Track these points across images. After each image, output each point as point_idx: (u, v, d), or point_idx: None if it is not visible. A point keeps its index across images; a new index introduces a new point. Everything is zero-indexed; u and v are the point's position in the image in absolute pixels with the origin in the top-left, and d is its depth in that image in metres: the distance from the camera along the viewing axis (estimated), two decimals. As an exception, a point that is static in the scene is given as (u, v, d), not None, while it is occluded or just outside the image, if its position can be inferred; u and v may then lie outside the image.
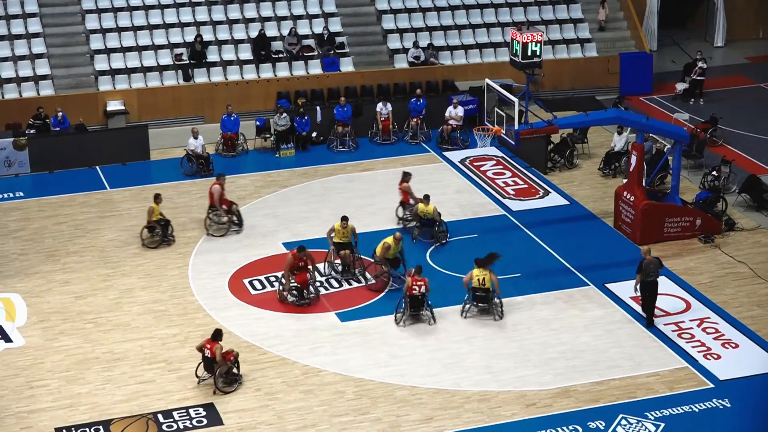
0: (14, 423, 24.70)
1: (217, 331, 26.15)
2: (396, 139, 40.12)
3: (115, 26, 42.00)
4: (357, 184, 36.75)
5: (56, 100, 39.46)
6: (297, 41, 42.49)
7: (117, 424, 24.70)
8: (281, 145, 39.13)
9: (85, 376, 26.43)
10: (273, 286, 30.32)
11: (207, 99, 40.72)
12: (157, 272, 31.12)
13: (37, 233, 33.56)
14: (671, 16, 49.51)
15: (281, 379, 26.34)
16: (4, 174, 37.35)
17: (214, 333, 26.11)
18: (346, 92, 41.52)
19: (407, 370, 26.71)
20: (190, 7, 42.91)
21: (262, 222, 33.96)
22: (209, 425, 24.74)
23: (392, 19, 44.15)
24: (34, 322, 28.80)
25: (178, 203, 35.46)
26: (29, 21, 41.62)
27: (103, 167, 37.86)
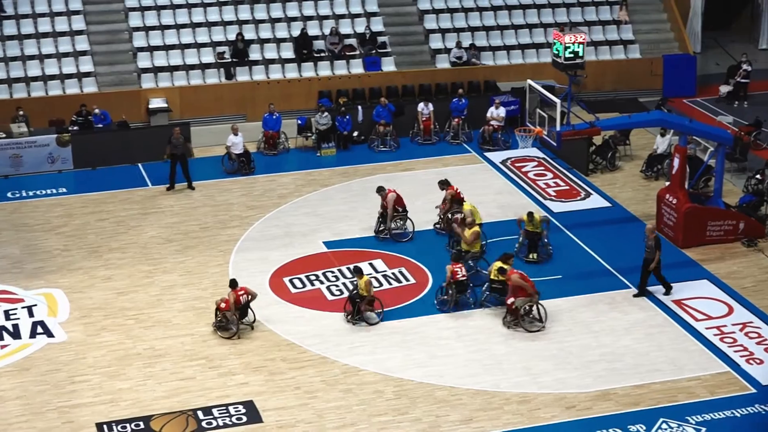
0: (56, 417, 24.84)
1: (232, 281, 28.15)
2: (437, 140, 40.08)
3: (158, 24, 42.19)
4: (397, 183, 36.63)
5: (99, 97, 39.68)
6: (339, 40, 42.52)
7: (157, 420, 24.80)
8: (322, 144, 39.17)
9: (126, 372, 26.55)
10: (313, 285, 30.37)
11: (249, 97, 40.82)
12: (199, 269, 31.22)
13: (79, 229, 33.75)
14: (716, 18, 49.19)
15: (321, 378, 26.36)
16: (48, 170, 37.58)
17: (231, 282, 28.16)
18: (387, 92, 41.52)
19: (447, 370, 26.67)
20: (232, 6, 43.02)
21: (303, 221, 34.00)
22: (248, 423, 24.79)
23: (434, 19, 44.10)
24: (76, 318, 28.95)
25: (219, 201, 35.58)
26: (73, 18, 41.85)
27: (145, 164, 38.04)
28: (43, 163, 37.56)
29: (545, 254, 31.50)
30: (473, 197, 35.20)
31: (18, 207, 35.19)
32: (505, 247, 31.37)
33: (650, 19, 45.69)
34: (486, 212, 34.27)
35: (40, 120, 38.52)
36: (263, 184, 36.85)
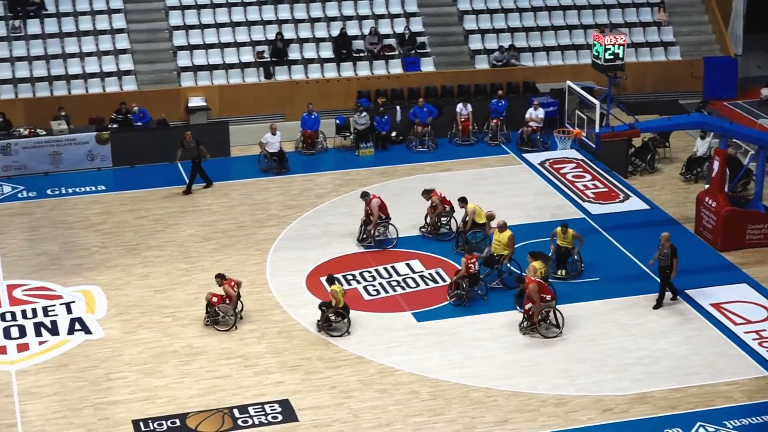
0: (92, 414, 24.94)
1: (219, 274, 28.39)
2: (476, 140, 40.01)
3: (198, 23, 42.32)
4: (436, 184, 36.56)
5: (139, 95, 39.85)
6: (378, 40, 42.52)
7: (193, 417, 24.85)
8: (361, 143, 39.19)
9: (162, 370, 26.63)
10: (350, 285, 30.37)
11: (288, 97, 40.87)
12: (236, 268, 31.26)
13: (117, 227, 33.90)
14: (757, 20, 48.81)
15: (357, 378, 26.35)
16: (87, 168, 37.78)
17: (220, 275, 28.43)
18: (426, 92, 41.47)
19: (483, 371, 26.60)
20: (272, 5, 43.10)
21: (341, 220, 34.00)
22: (284, 421, 24.80)
23: (474, 20, 44.01)
24: (113, 315, 29.07)
25: (256, 200, 35.65)
26: (114, 17, 42.05)
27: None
28: (83, 160, 37.76)
29: (575, 271, 30.80)
30: (511, 198, 35.27)
31: (57, 204, 35.39)
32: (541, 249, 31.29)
33: (691, 21, 45.42)
34: (524, 213, 34.24)
35: (80, 118, 38.72)
36: (301, 184, 36.90)
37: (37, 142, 37.42)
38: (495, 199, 35.22)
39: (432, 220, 33.10)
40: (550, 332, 28.06)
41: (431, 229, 33.08)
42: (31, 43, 40.97)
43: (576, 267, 30.83)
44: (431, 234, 33.01)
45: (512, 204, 34.99)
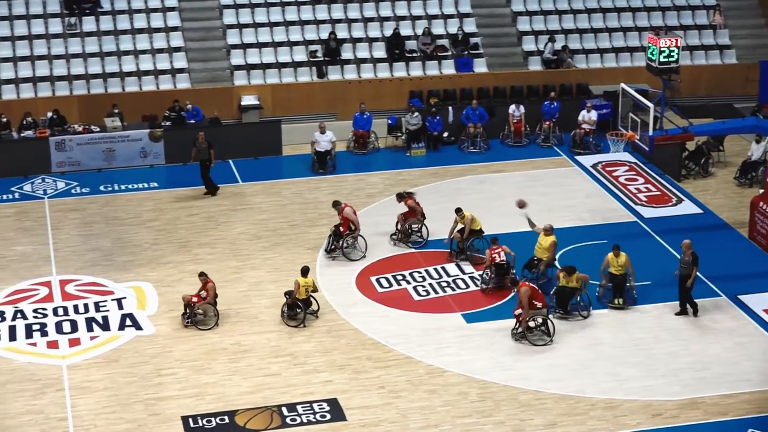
0: (142, 409, 25.08)
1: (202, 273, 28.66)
2: (528, 142, 39.89)
3: (252, 21, 42.47)
4: (487, 185, 36.61)
5: (192, 93, 40.04)
6: (431, 41, 42.47)
7: (242, 415, 24.92)
8: (412, 144, 39.17)
9: (212, 367, 26.73)
10: (400, 285, 30.35)
11: (340, 96, 40.93)
12: (286, 267, 31.34)
13: (169, 224, 34.07)
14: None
15: (405, 378, 26.32)
16: (140, 165, 38.02)
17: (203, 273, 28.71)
18: (479, 93, 41.39)
19: (532, 374, 26.49)
20: (326, 5, 43.17)
21: (391, 220, 33.95)
22: (332, 420, 24.80)
23: (527, 21, 43.87)
24: (164, 311, 29.22)
25: (307, 199, 35.74)
26: (168, 15, 42.29)
27: (236, 161, 38.33)
28: (136, 157, 38.00)
29: (631, 299, 29.49)
30: (563, 201, 35.11)
31: (110, 200, 35.62)
32: (592, 252, 31.21)
33: (747, 24, 45.03)
34: (576, 216, 34.09)
35: (133, 115, 38.97)
36: (352, 183, 36.93)
37: (91, 139, 37.70)
38: (546, 201, 35.10)
39: (403, 227, 32.68)
40: (540, 340, 27.76)
41: (402, 236, 32.66)
42: (87, 41, 41.29)
43: (632, 295, 29.42)
44: (402, 242, 32.58)
45: (563, 206, 34.84)
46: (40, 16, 41.72)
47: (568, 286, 28.60)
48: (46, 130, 37.75)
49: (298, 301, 28.53)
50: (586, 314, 28.70)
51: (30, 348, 27.62)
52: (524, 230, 32.64)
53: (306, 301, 28.68)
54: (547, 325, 27.83)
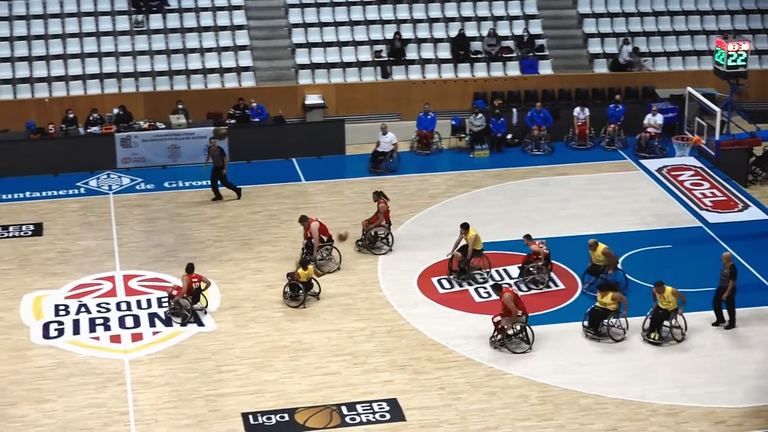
0: (203, 405, 25.19)
1: (189, 265, 28.71)
2: (592, 145, 39.66)
3: (317, 21, 42.55)
4: (550, 188, 36.43)
5: (257, 91, 40.19)
6: (496, 42, 42.34)
7: (301, 413, 24.96)
8: (476, 145, 39.08)
9: (272, 364, 26.80)
10: (461, 286, 30.27)
11: (404, 97, 40.90)
12: (347, 266, 31.36)
13: (232, 221, 34.22)
14: None
15: (465, 380, 26.24)
16: (204, 162, 38.16)
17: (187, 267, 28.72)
18: (543, 95, 41.20)
19: (593, 378, 26.30)
20: (391, 5, 43.17)
21: (453, 221, 33.85)
22: (391, 420, 24.77)
23: (594, 23, 43.60)
24: (225, 308, 29.34)
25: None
26: (234, 13, 42.48)
27: (299, 159, 38.43)
28: (200, 154, 38.16)
29: (670, 337, 27.62)
30: (626, 205, 34.88)
31: (174, 197, 35.84)
32: (655, 257, 30.96)
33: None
34: (640, 220, 33.85)
35: (198, 112, 39.21)
36: (415, 184, 36.90)
37: (156, 136, 37.96)
38: (610, 204, 34.89)
39: (368, 234, 32.34)
40: (519, 348, 27.45)
41: (367, 242, 32.29)
42: (153, 38, 41.58)
43: (677, 333, 27.61)
44: (367, 248, 32.23)
45: (627, 210, 34.60)
46: (107, 13, 42.07)
47: (601, 306, 27.79)
48: (112, 127, 38.08)
49: (300, 282, 29.12)
50: (619, 338, 27.73)
51: (93, 342, 27.86)
52: (584, 234, 32.55)
53: (307, 284, 29.18)
54: (526, 332, 27.50)
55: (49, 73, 40.31)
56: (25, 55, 40.68)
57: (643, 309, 28.39)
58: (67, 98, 39.56)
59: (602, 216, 34.26)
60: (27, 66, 40.38)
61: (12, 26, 41.34)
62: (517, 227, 33.30)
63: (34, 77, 40.15)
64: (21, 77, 40.10)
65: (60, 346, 27.62)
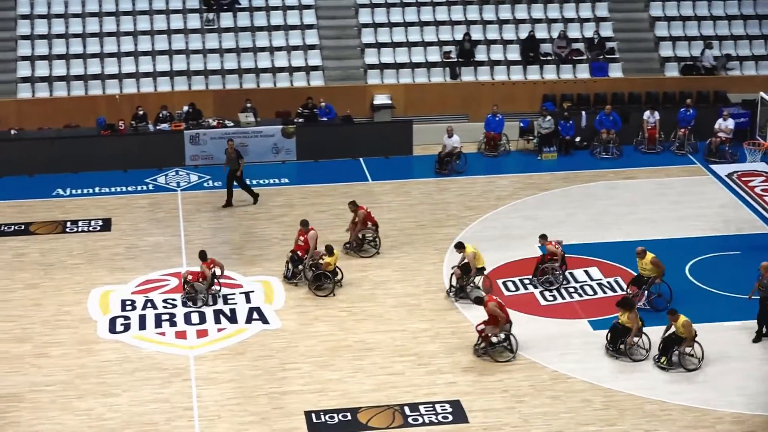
0: (266, 402, 25.27)
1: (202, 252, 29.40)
2: (662, 149, 39.32)
3: (386, 21, 42.58)
4: (618, 191, 36.17)
5: (325, 90, 40.29)
6: (566, 44, 42.12)
7: (364, 412, 24.95)
8: (544, 147, 38.90)
9: (336, 363, 26.82)
10: (527, 289, 30.14)
11: (472, 98, 40.81)
12: (413, 266, 31.34)
13: (297, 219, 34.19)
14: None
15: (529, 383, 26.11)
16: (272, 160, 38.37)
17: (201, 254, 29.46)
18: (613, 98, 40.91)
19: (657, 384, 26.04)
20: (461, 6, 43.10)
21: (520, 224, 33.78)
22: (454, 422, 24.70)
23: (665, 27, 43.24)
24: (290, 307, 29.42)
25: (436, 200, 35.72)
26: (304, 12, 42.62)
27: (367, 159, 38.47)
28: (268, 153, 38.35)
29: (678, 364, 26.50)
30: (695, 210, 34.57)
31: (241, 194, 35.97)
32: (724, 263, 30.62)
33: None
34: (708, 226, 33.52)
35: (266, 111, 39.38)
36: (482, 185, 36.80)
37: (225, 133, 38.15)
38: (679, 209, 34.58)
39: (354, 237, 32.09)
40: (502, 356, 27.10)
41: (355, 245, 32.02)
42: (223, 36, 41.84)
43: (686, 361, 26.51)
44: (354, 251, 31.96)
45: (696, 215, 34.27)
46: (179, 11, 42.40)
47: (622, 324, 27.12)
48: (182, 124, 38.35)
49: (327, 272, 29.53)
50: (639, 358, 26.91)
51: (158, 337, 28.06)
52: (652, 238, 32.32)
53: (333, 272, 29.64)
54: (510, 340, 27.21)
55: (120, 69, 40.72)
56: (97, 51, 41.13)
57: (706, 316, 28.10)
58: (138, 95, 39.93)
59: (670, 221, 33.95)
60: (99, 63, 40.82)
61: (85, 23, 41.79)
62: (584, 231, 33.14)
63: (105, 74, 40.58)
64: (92, 74, 40.54)
65: (126, 341, 27.86)
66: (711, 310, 28.63)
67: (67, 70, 40.63)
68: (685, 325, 26.30)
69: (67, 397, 25.45)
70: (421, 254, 32.13)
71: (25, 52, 41.04)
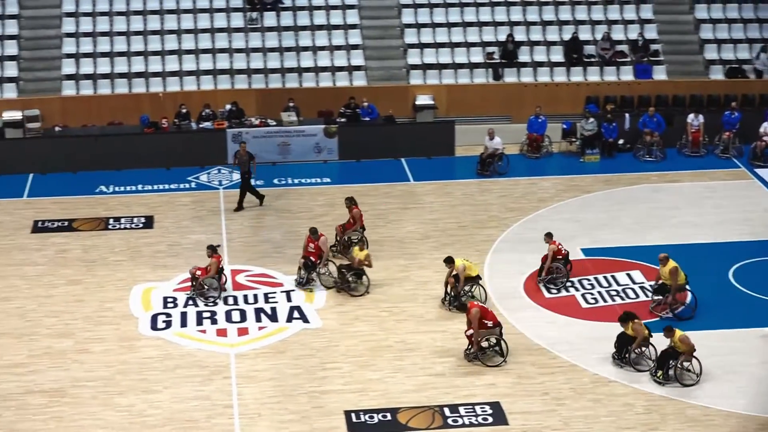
0: (306, 401, 25.28)
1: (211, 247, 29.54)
2: (705, 152, 39.07)
3: (429, 21, 42.54)
4: (662, 195, 35.97)
5: (368, 90, 40.28)
6: (610, 46, 41.93)
7: (404, 413, 24.92)
8: (586, 149, 38.74)
9: (376, 363, 26.80)
10: (568, 291, 30.01)
11: (515, 99, 40.69)
12: (454, 267, 31.30)
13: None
14: None
15: (569, 386, 25.99)
16: (314, 160, 38.41)
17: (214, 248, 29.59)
18: (657, 101, 40.68)
19: (699, 388, 25.85)
20: (505, 7, 42.98)
21: (561, 226, 33.60)
22: (494, 424, 24.61)
23: (710, 29, 42.96)
24: (331, 306, 29.42)
25: (478, 201, 35.64)
26: (348, 12, 42.64)
27: (408, 159, 38.44)
28: (310, 152, 38.40)
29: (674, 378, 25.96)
30: (739, 214, 34.33)
31: (282, 194, 36.06)
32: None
33: None
34: (751, 231, 33.29)
35: (309, 110, 39.42)
36: (524, 187, 36.70)
37: (267, 132, 38.24)
38: (722, 213, 34.35)
39: (341, 239, 31.92)
40: (492, 361, 26.85)
41: (341, 248, 31.84)
42: (267, 35, 41.92)
43: (681, 376, 26.00)
44: (341, 253, 31.74)
45: (739, 220, 34.02)
46: (222, 10, 42.50)
47: (627, 333, 26.74)
48: (224, 122, 38.46)
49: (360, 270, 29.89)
50: (643, 369, 26.28)
51: (200, 335, 28.13)
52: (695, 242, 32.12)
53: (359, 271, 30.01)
54: (501, 345, 27.00)
55: (164, 67, 40.89)
56: (141, 49, 41.31)
57: (750, 321, 27.88)
58: (181, 93, 40.08)
59: (714, 225, 33.73)
60: (143, 60, 40.99)
61: (129, 21, 41.98)
62: (627, 234, 32.98)
63: (149, 72, 40.75)
64: (136, 71, 40.72)
65: (167, 338, 27.95)
66: (755, 314, 28.40)
67: (111, 67, 40.85)
68: (683, 339, 25.93)
69: (108, 393, 25.58)
70: (462, 255, 31.92)
71: (70, 49, 41.29)
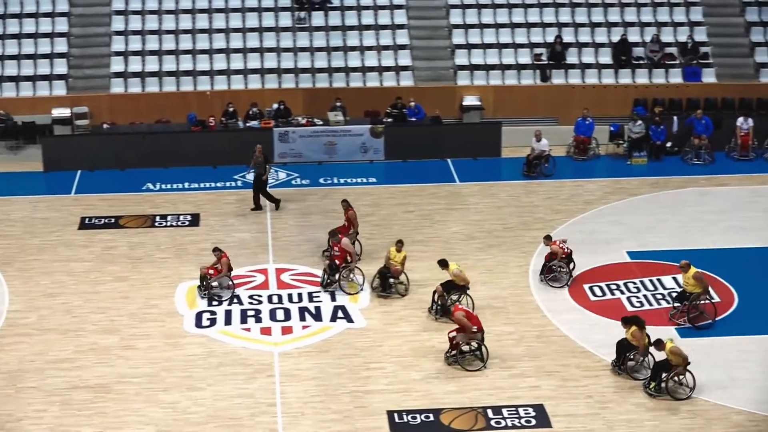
0: (349, 401, 25.29)
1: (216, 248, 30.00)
2: (754, 156, 38.78)
3: (477, 22, 42.47)
4: (709, 198, 35.73)
5: (415, 91, 40.27)
6: (659, 48, 41.69)
7: (447, 414, 24.88)
8: (634, 152, 38.54)
9: (420, 364, 26.77)
10: (613, 294, 29.86)
11: (562, 101, 40.55)
12: (499, 269, 31.21)
13: (385, 219, 34.33)
14: None
15: (614, 389, 25.85)
16: (360, 159, 38.45)
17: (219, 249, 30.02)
18: (705, 104, 40.40)
19: (746, 394, 25.65)
20: (553, 8, 42.84)
21: (607, 228, 33.49)
22: (537, 426, 24.53)
23: (762, 32, 42.61)
24: (375, 306, 29.43)
25: (524, 202, 35.54)
26: (395, 12, 42.67)
27: (455, 160, 38.38)
28: (356, 152, 38.43)
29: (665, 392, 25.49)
30: (788, 219, 34.08)
31: (328, 193, 36.10)
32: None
33: None
34: (798, 235, 33.09)
35: (355, 110, 39.47)
36: (570, 189, 36.55)
37: (314, 132, 38.32)
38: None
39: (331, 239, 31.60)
40: (472, 365, 26.60)
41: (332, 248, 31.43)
42: (314, 35, 42.01)
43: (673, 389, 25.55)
44: None
45: (787, 225, 33.85)
46: (271, 9, 42.64)
47: (628, 341, 26.44)
48: (271, 121, 38.57)
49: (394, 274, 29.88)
50: (640, 378, 25.94)
51: (244, 333, 28.22)
52: (743, 246, 31.86)
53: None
54: (481, 350, 26.77)
55: (211, 66, 41.07)
56: (189, 48, 41.52)
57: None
58: (228, 92, 40.24)
59: (762, 229, 33.44)
60: (191, 59, 41.18)
61: (178, 20, 42.19)
62: (674, 237, 32.78)
63: (197, 70, 40.93)
64: (184, 70, 40.92)
65: (211, 336, 28.06)
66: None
67: (159, 65, 41.07)
68: (674, 351, 25.59)
69: (152, 390, 25.70)
70: (507, 257, 31.98)
71: (119, 47, 41.55)
